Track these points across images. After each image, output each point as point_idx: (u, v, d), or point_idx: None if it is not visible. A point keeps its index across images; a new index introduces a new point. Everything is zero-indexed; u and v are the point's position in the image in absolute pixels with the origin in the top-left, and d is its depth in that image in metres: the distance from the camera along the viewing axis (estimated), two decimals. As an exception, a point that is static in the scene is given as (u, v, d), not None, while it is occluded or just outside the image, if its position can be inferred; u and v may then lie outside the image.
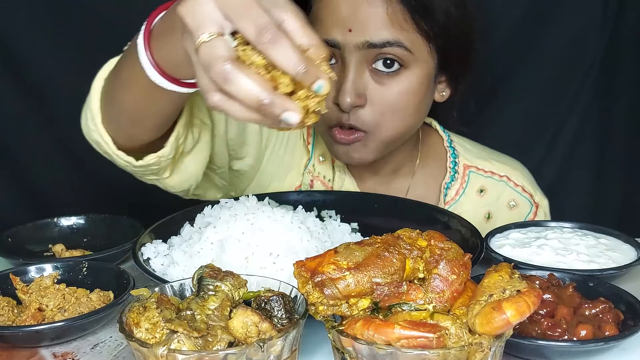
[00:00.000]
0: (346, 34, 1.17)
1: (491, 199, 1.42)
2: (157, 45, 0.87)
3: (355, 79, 1.18)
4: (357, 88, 1.18)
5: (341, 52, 1.18)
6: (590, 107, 1.90)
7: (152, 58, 0.88)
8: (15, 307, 0.95)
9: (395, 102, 1.20)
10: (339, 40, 1.17)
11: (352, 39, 1.17)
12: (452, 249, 0.79)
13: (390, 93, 1.19)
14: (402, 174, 1.41)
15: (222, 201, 1.09)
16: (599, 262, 1.04)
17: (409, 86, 1.20)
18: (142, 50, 0.88)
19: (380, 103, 1.20)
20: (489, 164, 1.44)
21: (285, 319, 0.77)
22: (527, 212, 1.43)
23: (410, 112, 1.23)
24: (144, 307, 0.75)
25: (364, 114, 1.20)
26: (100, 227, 1.25)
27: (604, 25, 1.83)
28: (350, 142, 1.22)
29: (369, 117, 1.20)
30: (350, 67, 1.18)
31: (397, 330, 0.70)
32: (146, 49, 0.88)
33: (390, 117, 1.21)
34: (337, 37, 1.17)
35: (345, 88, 1.17)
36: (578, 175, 1.95)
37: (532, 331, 0.84)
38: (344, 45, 1.17)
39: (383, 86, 1.19)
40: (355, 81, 1.18)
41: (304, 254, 0.94)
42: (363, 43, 1.16)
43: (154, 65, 0.88)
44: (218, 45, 0.70)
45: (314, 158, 1.39)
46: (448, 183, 1.40)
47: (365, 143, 1.23)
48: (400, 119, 1.23)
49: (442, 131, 1.45)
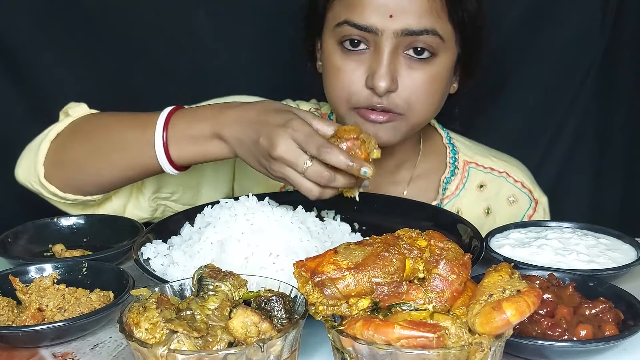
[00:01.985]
0: (386, 19, 1.17)
1: (491, 194, 1.43)
2: (178, 152, 1.13)
3: (389, 63, 1.18)
4: (392, 73, 1.19)
5: (378, 37, 1.18)
6: (590, 107, 1.90)
7: (170, 158, 1.13)
8: (15, 307, 0.95)
9: (426, 88, 1.22)
10: (378, 26, 1.17)
11: (392, 25, 1.17)
12: (452, 248, 0.79)
13: (421, 78, 1.20)
14: (404, 168, 1.42)
15: (222, 201, 1.09)
16: (599, 262, 1.04)
17: (438, 73, 1.22)
18: (163, 156, 1.13)
19: (412, 88, 1.21)
20: (489, 160, 1.45)
21: (285, 319, 0.77)
22: (527, 207, 1.43)
23: (437, 98, 1.26)
24: (144, 307, 0.75)
25: (397, 98, 1.21)
26: (100, 227, 1.25)
27: (604, 25, 1.83)
28: (384, 121, 1.22)
29: (401, 101, 1.21)
30: (385, 52, 1.18)
31: (397, 330, 0.70)
32: (166, 154, 1.13)
33: (421, 102, 1.22)
34: (377, 22, 1.17)
35: (381, 73, 1.17)
36: (578, 175, 1.95)
37: (532, 331, 0.84)
38: (383, 31, 1.17)
39: (415, 71, 1.21)
40: (389, 66, 1.18)
41: (304, 254, 0.94)
42: (402, 30, 1.17)
43: (170, 163, 1.14)
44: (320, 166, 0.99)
45: None
46: (448, 178, 1.41)
47: (397, 125, 1.24)
48: (429, 104, 1.24)
49: (441, 129, 1.46)
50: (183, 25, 1.79)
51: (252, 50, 1.81)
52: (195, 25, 1.80)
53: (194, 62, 1.80)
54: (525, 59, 1.87)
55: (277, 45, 1.66)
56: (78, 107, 1.28)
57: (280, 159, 1.00)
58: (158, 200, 1.34)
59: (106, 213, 1.29)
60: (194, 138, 1.11)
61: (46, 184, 1.22)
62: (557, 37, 1.84)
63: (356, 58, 1.20)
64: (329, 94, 1.28)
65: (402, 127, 1.24)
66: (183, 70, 1.80)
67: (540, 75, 1.88)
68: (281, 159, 1.00)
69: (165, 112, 1.14)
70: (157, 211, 1.36)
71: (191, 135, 1.11)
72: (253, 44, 1.80)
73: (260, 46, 1.79)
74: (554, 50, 1.85)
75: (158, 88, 1.77)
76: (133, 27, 1.77)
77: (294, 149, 0.99)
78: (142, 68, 1.79)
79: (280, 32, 1.52)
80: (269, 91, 1.49)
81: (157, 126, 1.12)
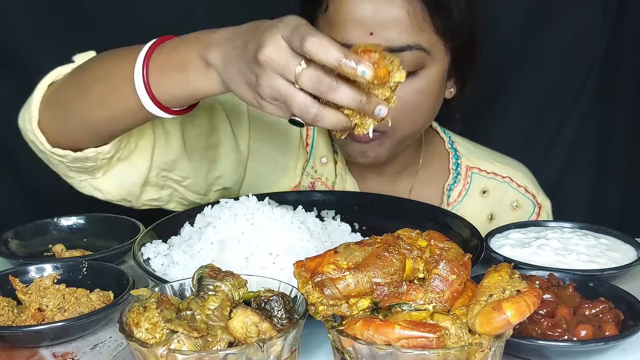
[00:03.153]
0: (366, 37, 1.15)
1: (494, 200, 1.42)
2: (159, 80, 0.94)
3: None
4: None
5: None
6: (590, 107, 1.90)
7: (150, 90, 0.95)
8: (15, 308, 0.95)
9: (414, 102, 1.20)
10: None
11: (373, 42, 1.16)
12: (452, 249, 0.79)
13: (408, 92, 1.19)
14: (405, 175, 1.41)
15: (222, 201, 1.09)
16: (599, 262, 1.04)
17: (426, 85, 1.21)
18: (141, 84, 0.95)
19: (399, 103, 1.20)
20: (491, 164, 1.44)
21: (285, 319, 0.77)
22: (530, 212, 1.43)
23: (427, 110, 1.25)
24: (144, 307, 0.75)
25: None
26: (100, 227, 1.25)
27: (604, 25, 1.83)
28: (369, 140, 1.21)
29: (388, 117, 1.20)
30: None
31: (397, 330, 0.70)
32: (145, 83, 0.95)
33: (408, 116, 1.21)
34: (357, 40, 1.13)
35: None
36: (578, 175, 1.95)
37: (532, 331, 0.84)
38: None
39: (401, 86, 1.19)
40: None
41: (304, 254, 0.94)
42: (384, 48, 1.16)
43: (151, 97, 0.95)
44: (316, 70, 0.80)
45: (313, 160, 1.38)
46: (451, 185, 1.40)
47: (382, 142, 1.23)
48: (417, 117, 1.24)
49: (443, 133, 1.45)
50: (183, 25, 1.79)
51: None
52: (196, 25, 1.80)
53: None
54: (526, 59, 1.87)
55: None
56: (85, 54, 1.14)
57: (267, 65, 0.81)
58: (167, 180, 1.23)
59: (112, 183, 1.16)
60: (177, 64, 0.93)
61: (37, 132, 1.08)
62: (557, 38, 1.85)
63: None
64: None
65: (387, 142, 1.23)
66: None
67: (540, 75, 1.88)
68: (268, 65, 0.81)
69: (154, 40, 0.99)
70: (164, 190, 1.24)
71: (173, 60, 0.94)
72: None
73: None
74: (555, 51, 1.85)
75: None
76: (133, 26, 1.77)
77: (283, 48, 0.80)
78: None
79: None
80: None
81: (140, 52, 0.97)
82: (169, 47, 0.96)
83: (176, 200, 1.26)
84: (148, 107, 0.96)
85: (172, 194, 1.25)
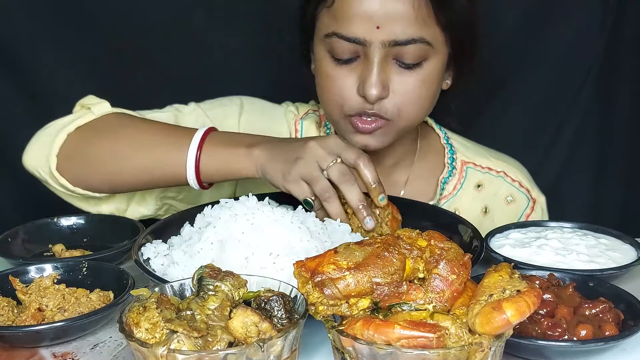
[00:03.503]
0: (373, 31, 1.17)
1: (488, 194, 1.43)
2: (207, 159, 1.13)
3: (380, 72, 1.19)
4: (383, 81, 1.20)
5: (366, 47, 1.19)
6: (590, 107, 1.90)
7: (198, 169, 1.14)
8: (15, 307, 0.95)
9: (417, 92, 1.23)
10: (366, 37, 1.18)
11: (380, 36, 1.17)
12: (452, 248, 0.79)
13: (411, 83, 1.22)
14: (401, 167, 1.42)
15: (222, 201, 1.09)
16: (599, 262, 1.04)
17: (429, 76, 1.23)
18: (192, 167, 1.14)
19: (403, 93, 1.22)
20: (486, 160, 1.45)
21: (285, 319, 0.77)
22: (524, 206, 1.43)
23: (428, 99, 1.27)
24: (144, 307, 0.75)
25: (388, 104, 1.22)
26: (100, 227, 1.25)
27: (604, 25, 1.83)
28: (372, 130, 1.24)
29: (392, 106, 1.22)
30: (374, 61, 1.19)
31: (397, 330, 0.70)
32: (197, 167, 1.14)
33: (411, 106, 1.24)
34: (364, 34, 1.17)
35: (372, 81, 1.19)
36: (578, 175, 1.95)
37: (532, 331, 0.84)
38: (370, 42, 1.18)
39: (405, 77, 1.22)
40: (380, 74, 1.19)
41: (304, 254, 0.94)
42: (390, 41, 1.17)
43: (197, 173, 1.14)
44: (343, 166, 1.06)
45: None
46: (445, 178, 1.42)
47: (386, 131, 1.25)
48: (419, 107, 1.26)
49: (439, 129, 1.47)
50: (183, 25, 1.79)
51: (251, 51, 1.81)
52: (196, 25, 1.80)
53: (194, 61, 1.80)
54: (526, 58, 1.87)
55: (277, 45, 1.66)
56: (100, 105, 1.26)
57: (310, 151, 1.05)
58: (165, 199, 1.34)
59: (108, 208, 1.29)
60: (226, 146, 1.13)
61: (57, 175, 1.21)
62: (557, 38, 1.85)
63: (347, 66, 1.22)
64: (322, 100, 1.30)
65: (391, 131, 1.26)
66: (183, 69, 1.80)
67: (540, 75, 1.88)
68: (311, 151, 1.05)
69: (203, 130, 1.15)
70: (162, 209, 1.36)
71: (224, 143, 1.13)
72: (252, 45, 1.80)
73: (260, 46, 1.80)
74: (555, 51, 1.85)
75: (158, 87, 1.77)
76: (133, 26, 1.77)
77: (324, 147, 1.06)
78: (142, 67, 1.79)
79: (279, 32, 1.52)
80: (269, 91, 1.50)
81: (193, 139, 1.14)
82: (219, 134, 1.16)
83: (171, 212, 1.35)
84: (190, 182, 1.16)
85: (168, 208, 1.36)
